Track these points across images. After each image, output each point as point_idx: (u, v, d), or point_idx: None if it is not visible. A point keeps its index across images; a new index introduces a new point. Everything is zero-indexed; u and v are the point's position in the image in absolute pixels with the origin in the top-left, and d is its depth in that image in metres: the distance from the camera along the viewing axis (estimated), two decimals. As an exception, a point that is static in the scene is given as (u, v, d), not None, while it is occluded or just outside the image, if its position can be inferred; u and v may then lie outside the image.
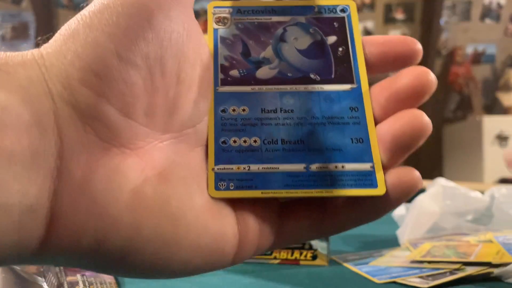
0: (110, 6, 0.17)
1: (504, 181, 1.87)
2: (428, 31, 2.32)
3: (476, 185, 0.90)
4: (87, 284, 0.35)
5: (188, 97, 0.19)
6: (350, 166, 0.20)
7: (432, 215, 0.54)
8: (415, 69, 0.19)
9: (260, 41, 0.22)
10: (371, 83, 0.21)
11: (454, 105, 2.43)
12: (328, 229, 0.20)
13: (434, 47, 2.32)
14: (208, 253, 0.18)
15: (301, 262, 0.46)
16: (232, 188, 0.19)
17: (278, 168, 0.19)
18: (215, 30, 0.22)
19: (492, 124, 2.05)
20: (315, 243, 0.46)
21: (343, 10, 0.23)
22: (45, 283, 0.33)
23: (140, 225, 0.17)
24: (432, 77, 0.19)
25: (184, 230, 0.17)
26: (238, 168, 0.19)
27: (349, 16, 0.23)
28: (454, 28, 2.39)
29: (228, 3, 0.22)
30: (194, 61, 0.19)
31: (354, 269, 0.44)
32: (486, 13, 2.38)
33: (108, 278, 0.37)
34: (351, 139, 0.20)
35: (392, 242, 0.54)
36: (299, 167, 0.19)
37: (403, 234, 0.54)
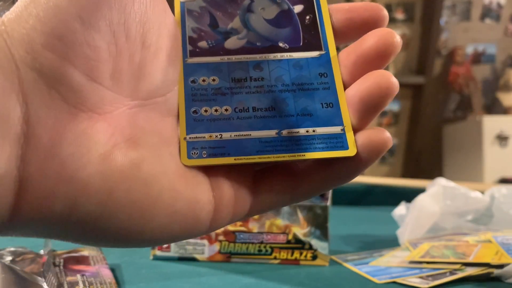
0: None
1: (504, 181, 1.87)
2: (428, 31, 2.32)
3: (476, 185, 0.90)
4: (87, 284, 0.35)
5: (155, 64, 0.19)
6: (321, 130, 0.20)
7: (432, 215, 0.54)
8: (379, 31, 0.20)
9: (227, 12, 0.22)
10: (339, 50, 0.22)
11: (454, 105, 2.43)
12: (301, 193, 0.21)
13: (434, 47, 2.32)
14: (183, 219, 0.18)
15: (301, 262, 0.46)
16: (205, 156, 0.19)
17: (250, 135, 0.20)
18: (182, 3, 0.22)
19: (492, 124, 2.05)
20: (315, 243, 0.46)
21: None
22: (45, 283, 0.33)
23: (111, 189, 0.17)
24: (397, 38, 0.19)
25: (157, 194, 0.17)
26: (210, 136, 0.20)
27: None
28: (454, 28, 2.39)
29: None
30: (159, 29, 0.19)
31: (354, 269, 0.44)
32: (486, 13, 2.38)
33: (108, 278, 0.37)
34: (321, 104, 0.20)
35: (392, 242, 0.54)
36: (270, 133, 0.20)
37: (403, 234, 0.54)
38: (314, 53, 0.22)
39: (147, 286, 0.39)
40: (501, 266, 0.40)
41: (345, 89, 0.21)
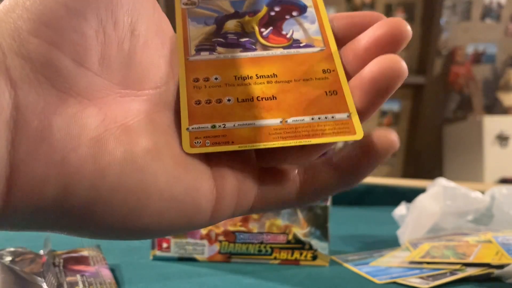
0: None
1: (504, 181, 1.87)
2: (428, 31, 2.32)
3: (477, 185, 0.90)
4: (86, 284, 0.35)
5: (145, 54, 0.19)
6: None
7: (432, 215, 0.54)
8: (391, 19, 0.20)
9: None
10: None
11: (455, 105, 2.43)
12: (308, 192, 0.21)
13: (434, 47, 2.32)
14: (182, 205, 0.18)
15: (301, 263, 0.46)
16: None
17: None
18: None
19: (492, 124, 2.04)
20: (315, 243, 0.46)
21: None
22: (44, 283, 0.33)
23: (103, 173, 0.16)
24: (407, 26, 0.20)
25: (152, 178, 0.17)
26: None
27: None
28: (454, 28, 2.38)
29: None
30: (148, 22, 0.19)
31: (354, 269, 0.44)
32: (487, 13, 2.38)
33: (108, 278, 0.37)
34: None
35: (393, 242, 0.54)
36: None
37: (404, 234, 0.54)
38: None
39: (147, 286, 0.39)
40: (501, 266, 0.39)
41: (351, 77, 0.21)
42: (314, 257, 0.46)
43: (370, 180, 0.91)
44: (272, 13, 0.23)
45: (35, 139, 0.16)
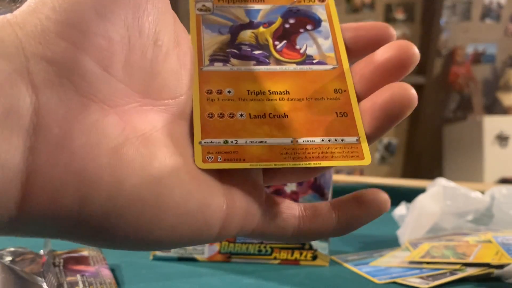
0: None
1: (504, 181, 1.87)
2: (428, 31, 2.32)
3: (476, 185, 0.90)
4: (86, 284, 0.35)
5: (166, 64, 0.19)
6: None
7: (432, 215, 0.54)
8: (398, 42, 0.20)
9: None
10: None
11: (454, 105, 2.43)
12: (304, 232, 0.21)
13: (434, 47, 2.32)
14: (194, 221, 0.18)
15: (301, 262, 0.46)
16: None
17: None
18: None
19: (492, 124, 2.04)
20: (315, 243, 0.46)
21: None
22: (45, 283, 0.33)
23: (121, 184, 0.16)
24: (415, 49, 0.20)
25: (168, 192, 0.17)
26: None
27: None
28: (454, 28, 2.38)
29: None
30: (169, 32, 0.19)
31: (354, 269, 0.44)
32: (486, 13, 2.38)
33: (108, 278, 0.37)
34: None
35: (393, 242, 0.54)
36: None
37: (404, 234, 0.54)
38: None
39: (147, 286, 0.39)
40: (501, 266, 0.39)
41: (360, 100, 0.21)
42: (314, 257, 0.46)
43: (370, 180, 0.91)
44: (287, 26, 0.23)
45: (55, 146, 0.15)
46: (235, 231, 0.20)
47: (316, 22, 0.23)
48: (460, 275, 0.39)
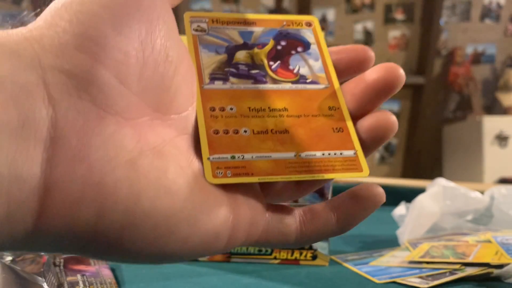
0: None
1: (504, 181, 1.87)
2: (428, 31, 2.32)
3: (476, 185, 0.90)
4: (87, 284, 0.35)
5: (175, 80, 0.19)
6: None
7: (432, 215, 0.54)
8: (385, 65, 0.22)
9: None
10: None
11: (454, 105, 2.43)
12: (306, 235, 0.21)
13: (434, 47, 2.32)
14: (204, 232, 0.18)
15: (301, 262, 0.46)
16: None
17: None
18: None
19: (492, 124, 2.05)
20: (315, 243, 0.46)
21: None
22: (45, 283, 0.33)
23: (138, 197, 0.16)
24: (401, 71, 0.21)
25: (181, 204, 0.17)
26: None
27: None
28: (454, 28, 2.39)
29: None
30: (178, 49, 0.20)
31: (354, 269, 0.44)
32: (486, 13, 2.38)
33: (108, 278, 0.37)
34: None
35: (392, 242, 0.54)
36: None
37: (403, 234, 0.54)
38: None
39: (147, 286, 0.39)
40: (500, 266, 0.40)
41: (351, 115, 0.23)
42: (314, 257, 0.46)
43: (370, 180, 0.91)
44: (279, 47, 0.24)
45: (73, 158, 0.15)
46: (241, 241, 0.20)
47: (306, 45, 0.25)
48: (459, 275, 0.39)
